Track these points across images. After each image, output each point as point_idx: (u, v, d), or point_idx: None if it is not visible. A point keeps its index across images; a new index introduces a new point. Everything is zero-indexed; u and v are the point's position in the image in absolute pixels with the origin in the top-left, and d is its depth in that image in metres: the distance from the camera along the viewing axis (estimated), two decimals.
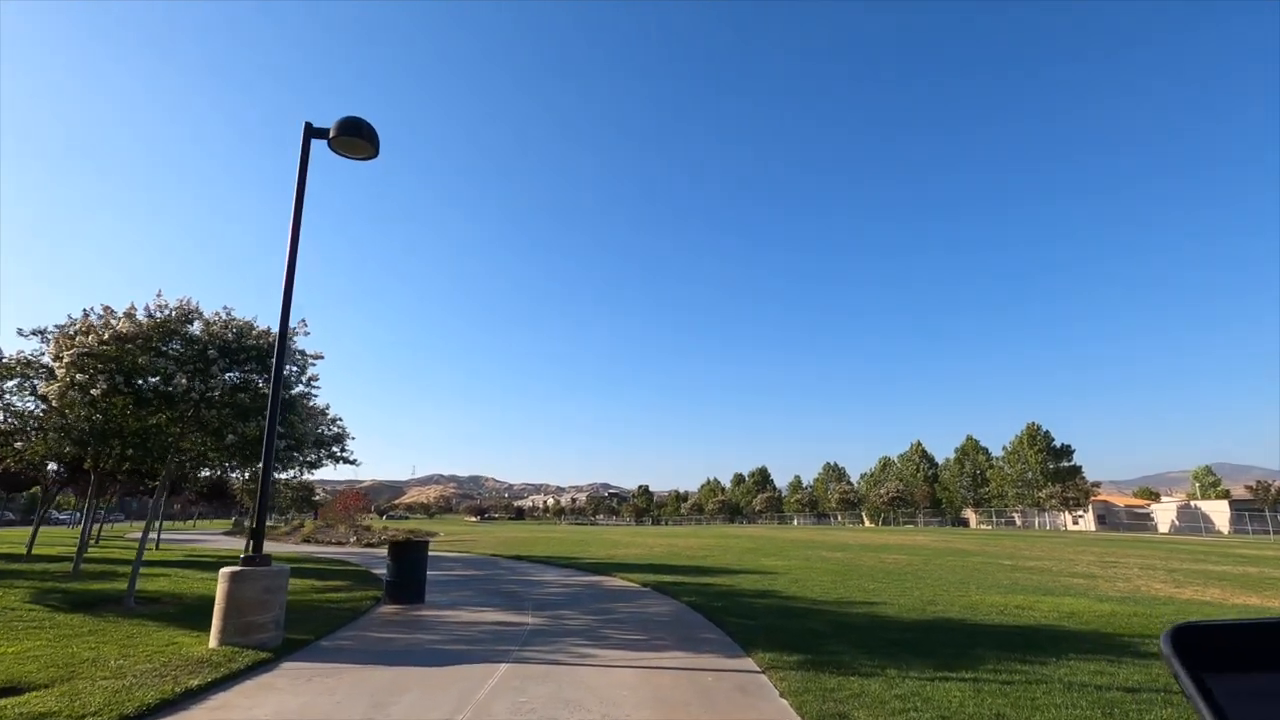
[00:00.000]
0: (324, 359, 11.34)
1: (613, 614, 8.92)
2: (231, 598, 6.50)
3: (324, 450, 18.95)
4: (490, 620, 8.39)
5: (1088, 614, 8.89)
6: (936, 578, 13.71)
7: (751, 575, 13.85)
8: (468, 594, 11.09)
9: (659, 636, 7.27)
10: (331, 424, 18.94)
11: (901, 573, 14.64)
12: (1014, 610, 9.15)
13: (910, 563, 17.47)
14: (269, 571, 6.79)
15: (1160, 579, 14.28)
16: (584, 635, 7.35)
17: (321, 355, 11.34)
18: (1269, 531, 47.49)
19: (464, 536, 34.85)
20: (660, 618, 8.62)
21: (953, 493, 77.42)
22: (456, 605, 9.71)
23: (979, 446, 78.21)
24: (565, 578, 13.85)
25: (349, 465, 19.88)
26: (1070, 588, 12.31)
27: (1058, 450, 70.65)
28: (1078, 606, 9.57)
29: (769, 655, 6.08)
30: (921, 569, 15.71)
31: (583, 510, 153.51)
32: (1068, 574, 15.08)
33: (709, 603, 9.58)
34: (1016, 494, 69.57)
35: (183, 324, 9.63)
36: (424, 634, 7.55)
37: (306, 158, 7.89)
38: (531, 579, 13.56)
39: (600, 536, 34.28)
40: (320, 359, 11.32)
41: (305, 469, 19.24)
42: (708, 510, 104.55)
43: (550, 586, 12.31)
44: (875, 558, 19.15)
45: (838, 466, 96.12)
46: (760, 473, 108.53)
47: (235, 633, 6.42)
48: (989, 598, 10.44)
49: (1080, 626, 7.98)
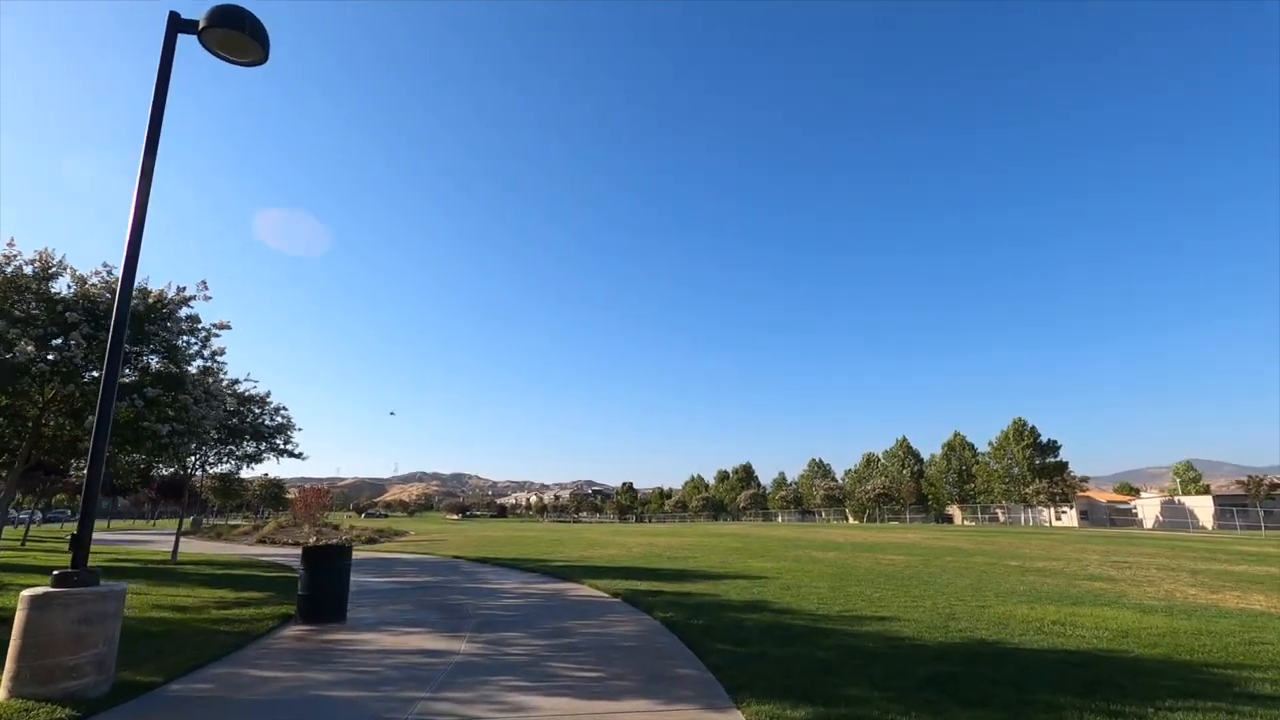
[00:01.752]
0: (231, 329, 9.54)
1: (568, 637, 7.25)
2: (32, 631, 4.73)
3: (265, 442, 17.08)
4: (413, 648, 6.68)
5: (1143, 632, 7.38)
6: (944, 583, 12.20)
7: (738, 581, 12.23)
8: (405, 608, 9.35)
9: (621, 674, 5.61)
10: (275, 414, 17.07)
11: (904, 576, 13.13)
12: (1053, 627, 7.61)
13: (909, 564, 15.99)
14: (91, 595, 4.99)
15: (1186, 582, 12.90)
16: (523, 672, 5.67)
17: (228, 325, 9.54)
18: (1259, 527, 46.91)
19: (436, 536, 32.99)
20: (626, 642, 6.96)
21: (939, 489, 76.66)
22: (383, 625, 7.99)
23: (966, 443, 77.53)
24: (526, 585, 12.16)
25: (294, 459, 18.08)
26: (1098, 594, 10.84)
27: (1044, 446, 70.09)
28: (1125, 621, 8.07)
29: (767, 708, 4.43)
30: (924, 571, 14.22)
31: (566, 508, 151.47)
32: (1083, 576, 13.66)
33: (688, 619, 7.93)
34: (1003, 490, 68.89)
35: (42, 280, 7.81)
36: (317, 670, 5.83)
37: (170, 56, 6.09)
38: (487, 587, 11.85)
39: (578, 535, 32.57)
40: (227, 329, 9.53)
41: (244, 463, 17.38)
42: (692, 507, 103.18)
43: (505, 597, 10.60)
44: (870, 558, 17.66)
45: (823, 463, 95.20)
46: (744, 469, 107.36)
47: (32, 679, 4.65)
48: (1016, 609, 8.91)
49: (1146, 651, 6.45)
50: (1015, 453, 69.87)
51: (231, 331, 9.43)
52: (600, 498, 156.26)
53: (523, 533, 36.85)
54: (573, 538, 29.54)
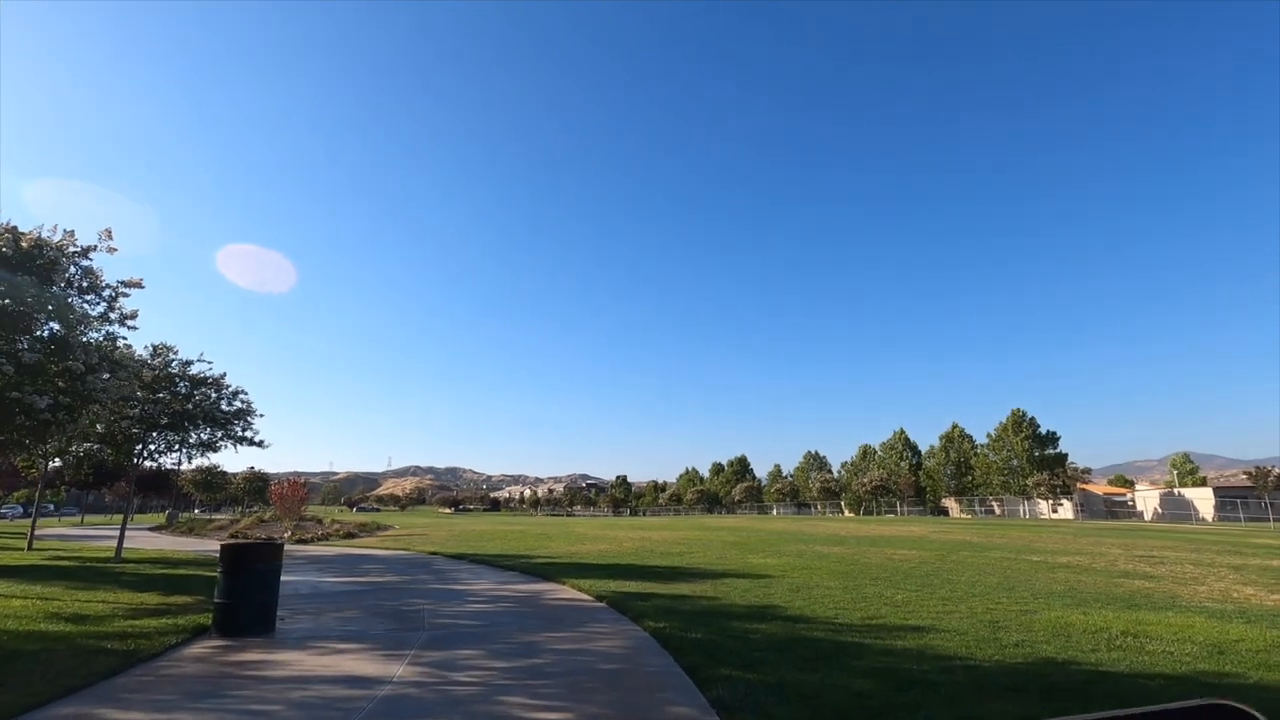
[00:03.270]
0: (144, 288, 8.05)
1: (536, 656, 5.87)
2: None
3: (221, 429, 15.60)
4: (338, 673, 5.29)
5: (1239, 647, 6.05)
6: (969, 581, 10.90)
7: (740, 581, 10.89)
8: (350, 615, 7.97)
9: (596, 715, 4.24)
10: (233, 398, 15.60)
11: (922, 575, 11.83)
12: (1126, 640, 6.28)
13: (924, 560, 14.70)
14: None
15: (1233, 580, 11.65)
16: (465, 713, 4.29)
17: (140, 283, 8.04)
18: (1268, 519, 45.98)
19: (419, 530, 31.57)
20: (607, 664, 5.59)
21: (937, 481, 75.60)
22: (315, 639, 6.60)
23: (964, 434, 76.47)
24: (501, 586, 10.78)
25: (254, 447, 16.63)
26: (1148, 596, 9.55)
27: (1043, 437, 68.97)
28: (1205, 631, 6.75)
29: None
30: (941, 568, 12.94)
31: (559, 501, 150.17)
32: (1118, 573, 12.40)
33: (684, 631, 6.57)
34: (1002, 482, 67.86)
35: None
36: (196, 710, 4.43)
37: None
38: (456, 589, 10.47)
39: (568, 529, 31.22)
40: (138, 287, 8.03)
41: (198, 451, 15.93)
42: (686, 500, 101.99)
43: (472, 600, 9.22)
44: (879, 553, 16.37)
45: (819, 455, 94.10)
46: (739, 462, 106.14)
47: None
48: (1068, 615, 7.59)
49: (1266, 674, 5.12)
50: (1014, 444, 68.72)
51: (144, 290, 7.91)
52: (594, 491, 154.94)
53: (511, 527, 35.46)
54: (562, 531, 28.18)
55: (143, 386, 13.52)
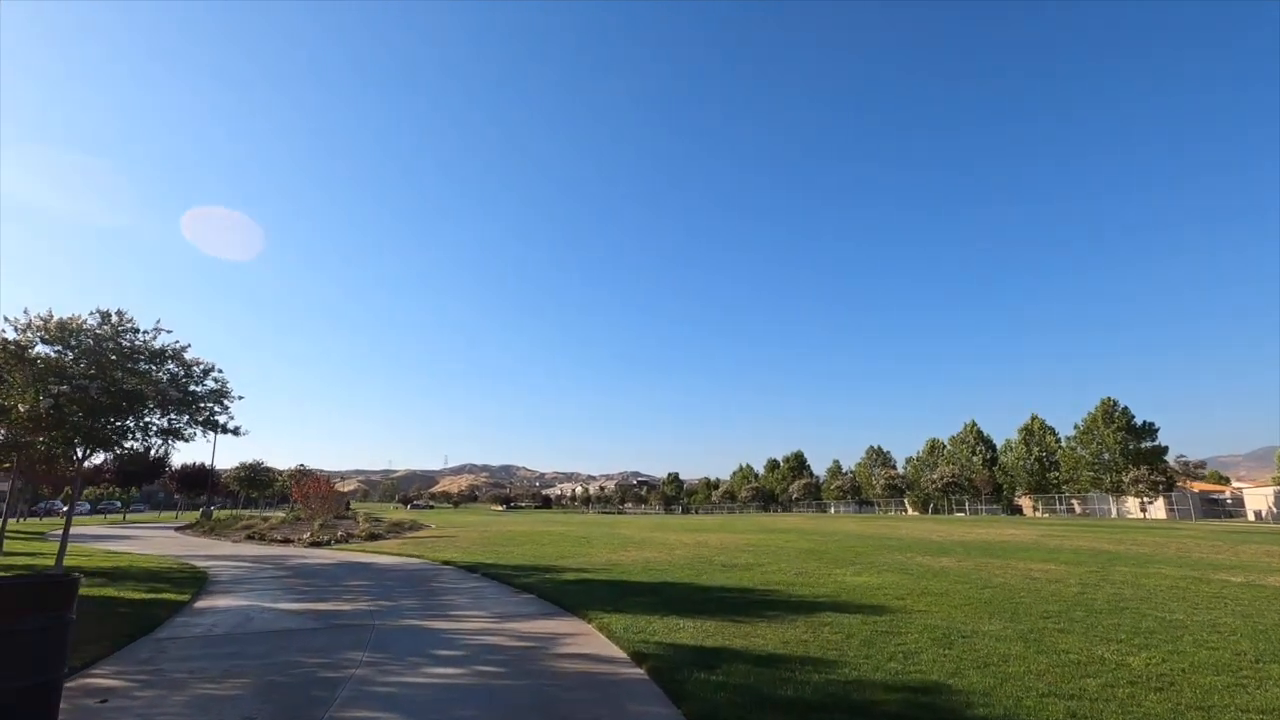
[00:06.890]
0: None
1: None
2: None
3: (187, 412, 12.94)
4: None
5: None
6: (1196, 623, 7.12)
7: (848, 620, 7.37)
8: (223, 691, 4.90)
9: None
10: (204, 376, 12.94)
11: (1108, 607, 8.07)
12: None
13: (1082, 579, 10.83)
14: None
15: None
16: None
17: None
18: None
19: (452, 531, 29.04)
20: None
21: (1016, 477, 69.24)
22: None
23: (1046, 426, 69.88)
24: (499, 624, 7.58)
25: (229, 434, 14.00)
26: None
27: (1138, 429, 61.98)
28: None
29: None
30: (1123, 595, 9.11)
31: (610, 499, 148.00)
32: None
33: None
34: (1092, 478, 61.27)
35: None
36: None
37: None
38: (432, 628, 7.32)
39: (614, 531, 28.08)
40: None
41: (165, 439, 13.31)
42: (740, 498, 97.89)
43: (440, 660, 6.02)
44: (1010, 569, 12.51)
45: (882, 450, 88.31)
46: (796, 458, 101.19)
47: None
48: None
49: None
50: (1105, 436, 61.91)
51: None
52: (645, 488, 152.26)
53: (551, 527, 32.62)
54: (606, 534, 25.02)
55: (83, 356, 11.01)
